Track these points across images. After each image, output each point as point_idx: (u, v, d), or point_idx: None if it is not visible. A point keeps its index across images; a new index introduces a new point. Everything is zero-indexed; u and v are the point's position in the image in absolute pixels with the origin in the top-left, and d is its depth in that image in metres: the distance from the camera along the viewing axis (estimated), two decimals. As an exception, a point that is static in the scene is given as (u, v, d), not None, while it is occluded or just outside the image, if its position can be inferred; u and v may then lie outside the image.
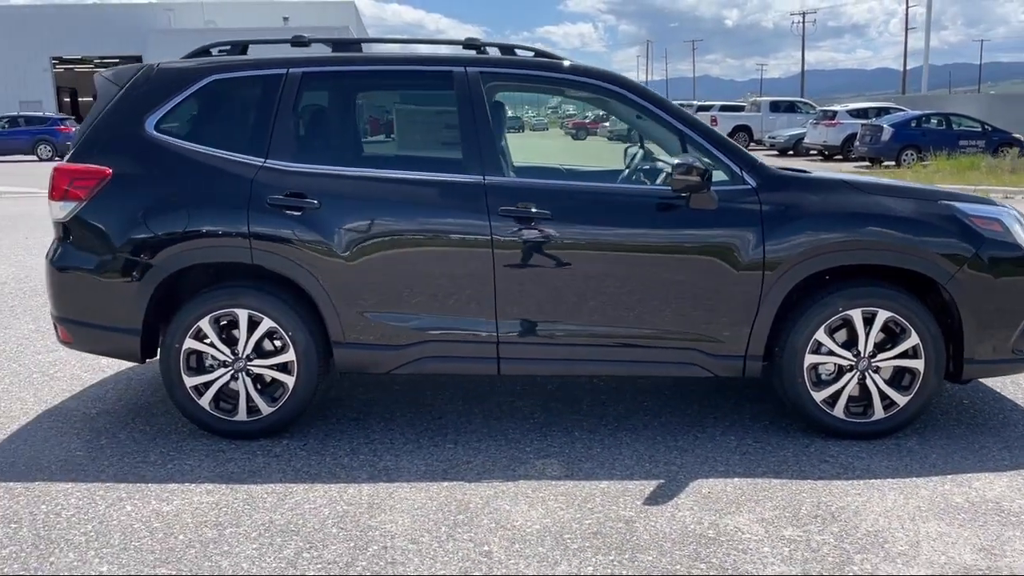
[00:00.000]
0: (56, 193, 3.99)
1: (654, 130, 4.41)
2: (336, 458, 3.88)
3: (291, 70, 4.04)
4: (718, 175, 3.94)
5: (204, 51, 4.27)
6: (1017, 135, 24.67)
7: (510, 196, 3.89)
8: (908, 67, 70.77)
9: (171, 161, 3.98)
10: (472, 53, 4.21)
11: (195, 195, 3.93)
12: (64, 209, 3.99)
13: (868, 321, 3.89)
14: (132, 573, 2.93)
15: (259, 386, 4.03)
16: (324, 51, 4.23)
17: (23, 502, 3.46)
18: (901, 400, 3.95)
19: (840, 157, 25.62)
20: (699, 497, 3.45)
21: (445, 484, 3.60)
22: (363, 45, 4.34)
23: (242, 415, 4.03)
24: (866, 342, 3.91)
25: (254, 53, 4.38)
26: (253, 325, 3.95)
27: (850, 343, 3.95)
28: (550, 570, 2.93)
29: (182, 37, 41.39)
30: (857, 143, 24.29)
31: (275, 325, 3.93)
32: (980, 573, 2.88)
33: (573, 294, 3.92)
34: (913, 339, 3.89)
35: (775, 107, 32.74)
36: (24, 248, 10.00)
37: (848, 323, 3.91)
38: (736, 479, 3.61)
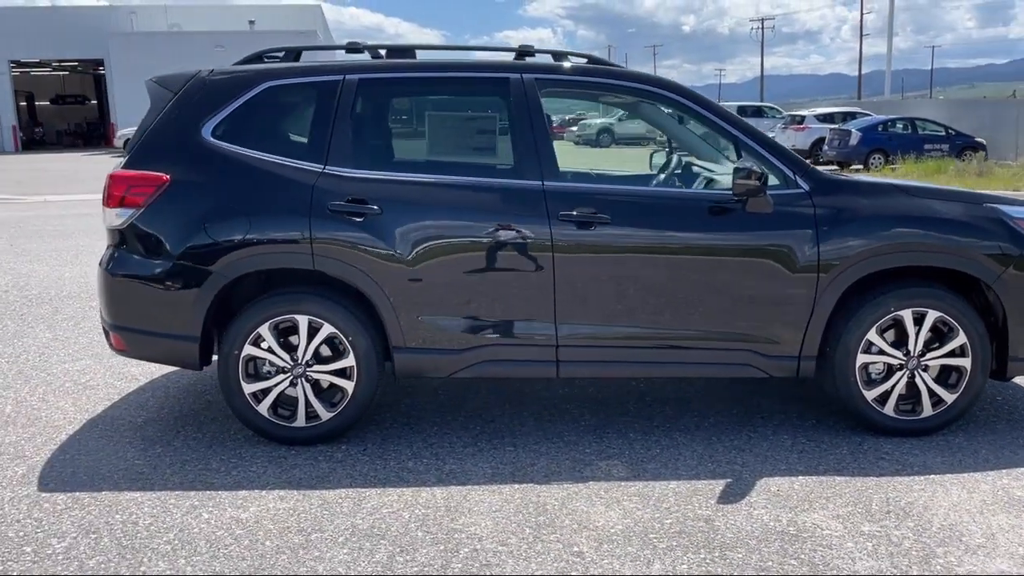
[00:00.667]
0: (112, 200, 3.96)
1: (687, 137, 4.52)
2: (399, 462, 3.89)
3: (347, 76, 4.05)
4: (771, 179, 4.02)
5: (256, 57, 4.26)
6: (980, 139, 25.31)
7: (569, 201, 3.94)
8: (864, 72, 72.10)
9: (230, 168, 3.97)
10: (526, 60, 4.26)
11: (256, 202, 3.92)
12: (121, 216, 3.95)
13: (918, 321, 4.00)
14: (229, 580, 2.93)
15: (316, 392, 4.02)
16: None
17: (96, 512, 3.42)
18: (949, 398, 4.07)
19: (809, 161, 26.04)
20: (769, 495, 3.52)
21: (516, 487, 3.63)
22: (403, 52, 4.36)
23: (301, 421, 4.02)
24: (916, 341, 4.02)
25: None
26: (313, 331, 3.94)
27: (899, 342, 4.05)
28: (645, 569, 2.97)
29: (145, 41, 40.88)
30: (826, 147, 24.72)
31: (335, 330, 3.94)
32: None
33: (631, 297, 3.97)
34: (961, 338, 4.01)
35: (742, 112, 33.11)
36: (13, 255, 9.82)
37: (898, 323, 4.02)
38: (801, 477, 3.69)
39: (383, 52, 4.29)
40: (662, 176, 4.95)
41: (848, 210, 3.98)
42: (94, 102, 50.22)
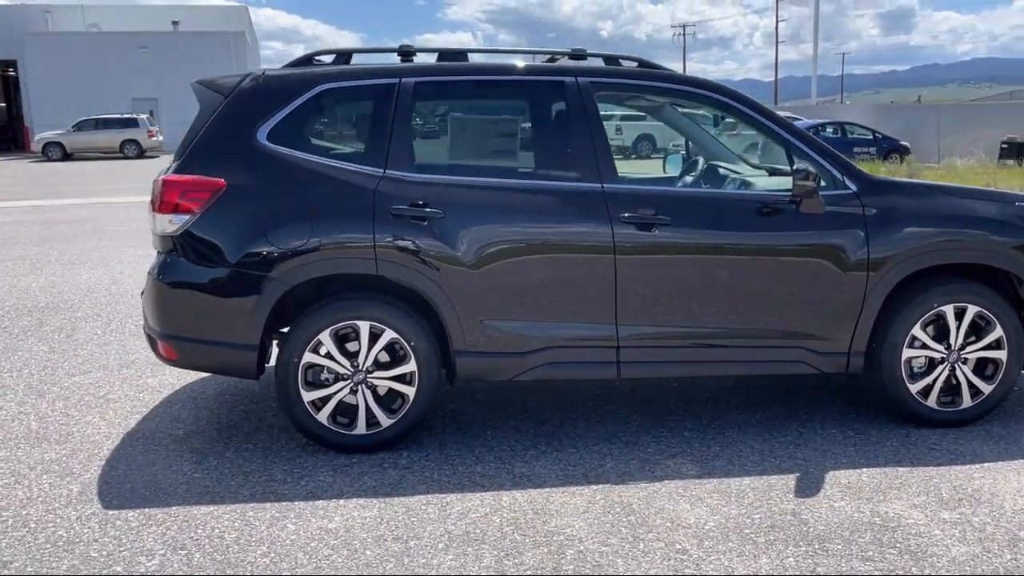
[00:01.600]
0: (165, 206, 3.83)
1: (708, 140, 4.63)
2: (466, 466, 3.87)
3: (404, 79, 4.01)
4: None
5: (307, 60, 4.19)
6: (904, 143, 26.39)
7: (629, 203, 3.98)
8: (778, 77, 74.30)
9: (289, 172, 3.88)
10: (580, 63, 4.28)
11: (318, 207, 3.85)
12: (175, 222, 3.83)
13: (959, 316, 4.17)
14: (346, 591, 2.87)
15: (375, 398, 3.97)
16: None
17: (174, 528, 3.31)
18: (986, 389, 4.25)
19: (744, 164, 26.66)
20: (842, 488, 3.62)
21: (594, 487, 3.65)
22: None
23: (361, 428, 3.96)
24: (957, 335, 4.19)
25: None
26: (374, 336, 3.89)
27: (939, 337, 4.21)
28: (753, 563, 3.03)
29: (63, 41, 39.45)
30: (760, 151, 25.38)
31: (396, 336, 3.89)
32: None
33: (690, 297, 4.03)
34: (998, 331, 4.19)
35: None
36: (-31, 265, 9.37)
37: (940, 318, 4.18)
38: (864, 469, 3.81)
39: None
40: (689, 179, 5.03)
41: (894, 210, 4.12)
42: (2, 104, 48.07)
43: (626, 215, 3.95)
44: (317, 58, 4.22)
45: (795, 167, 3.95)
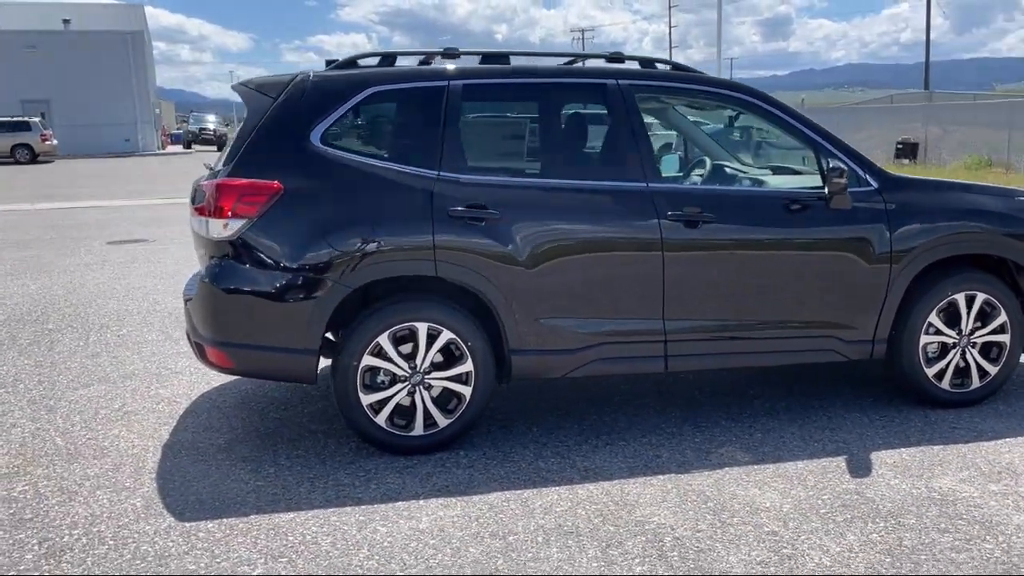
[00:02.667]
0: (220, 210, 3.76)
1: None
2: (529, 463, 3.93)
3: (452, 82, 4.04)
4: None
5: (351, 62, 4.15)
6: (808, 143, 27.47)
7: (675, 201, 4.12)
8: None
9: (345, 174, 3.86)
10: (617, 66, 4.39)
11: (378, 209, 3.84)
12: (231, 227, 3.76)
13: (969, 303, 4.47)
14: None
15: (433, 399, 3.99)
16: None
17: (263, 537, 3.26)
18: (992, 370, 4.57)
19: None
20: (890, 466, 3.84)
21: (662, 477, 3.76)
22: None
23: (419, 430, 3.98)
24: (968, 321, 4.49)
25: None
26: (431, 338, 3.91)
27: (951, 323, 4.50)
28: (843, 540, 3.20)
29: (-54, 40, 37.21)
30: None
31: (453, 336, 3.92)
32: None
33: (731, 290, 4.20)
34: (1002, 316, 4.51)
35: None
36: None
37: (952, 306, 4.47)
38: (902, 449, 4.04)
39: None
40: (716, 177, 5.14)
41: (913, 204, 4.39)
42: None
43: (672, 213, 4.08)
44: (361, 60, 4.19)
45: (830, 166, 4.16)
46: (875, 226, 4.31)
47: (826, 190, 4.21)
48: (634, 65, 4.46)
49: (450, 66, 4.14)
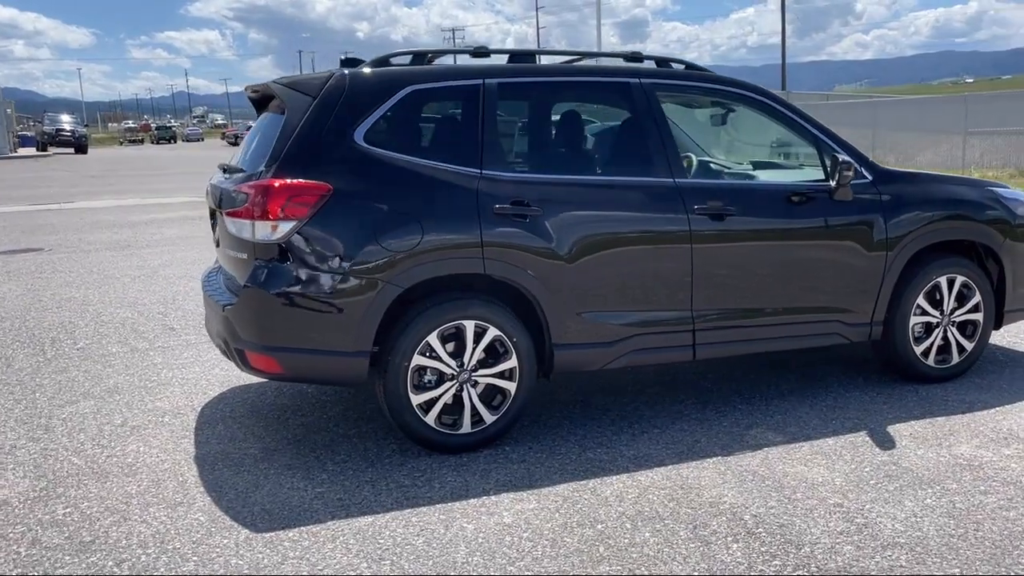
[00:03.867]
0: (270, 212, 3.65)
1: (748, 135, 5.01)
2: (578, 454, 4.01)
3: (487, 80, 4.07)
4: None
5: (384, 61, 4.10)
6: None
7: (700, 195, 4.29)
8: None
9: (391, 173, 3.83)
10: (637, 65, 4.52)
11: (428, 208, 3.83)
12: (281, 229, 3.67)
13: (950, 285, 4.85)
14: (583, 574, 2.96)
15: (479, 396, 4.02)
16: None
17: (355, 541, 3.22)
18: (969, 346, 4.98)
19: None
20: (908, 438, 4.14)
21: (711, 460, 3.92)
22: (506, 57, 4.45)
23: (467, 427, 3.99)
24: (949, 302, 4.87)
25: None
26: (477, 335, 3.94)
27: (935, 304, 4.87)
28: (903, 506, 3.43)
29: None
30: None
31: (499, 333, 3.96)
32: None
33: (751, 279, 4.41)
34: (977, 297, 4.93)
35: None
36: None
37: (936, 288, 4.84)
38: (911, 422, 4.35)
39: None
40: (702, 171, 5.33)
41: (904, 195, 4.72)
42: None
43: (698, 207, 4.25)
44: (394, 59, 4.15)
45: (842, 160, 4.42)
46: (873, 216, 4.62)
47: (832, 183, 4.48)
48: (650, 64, 4.60)
49: (484, 64, 4.16)
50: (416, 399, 3.88)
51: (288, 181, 3.68)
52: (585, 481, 3.72)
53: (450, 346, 3.93)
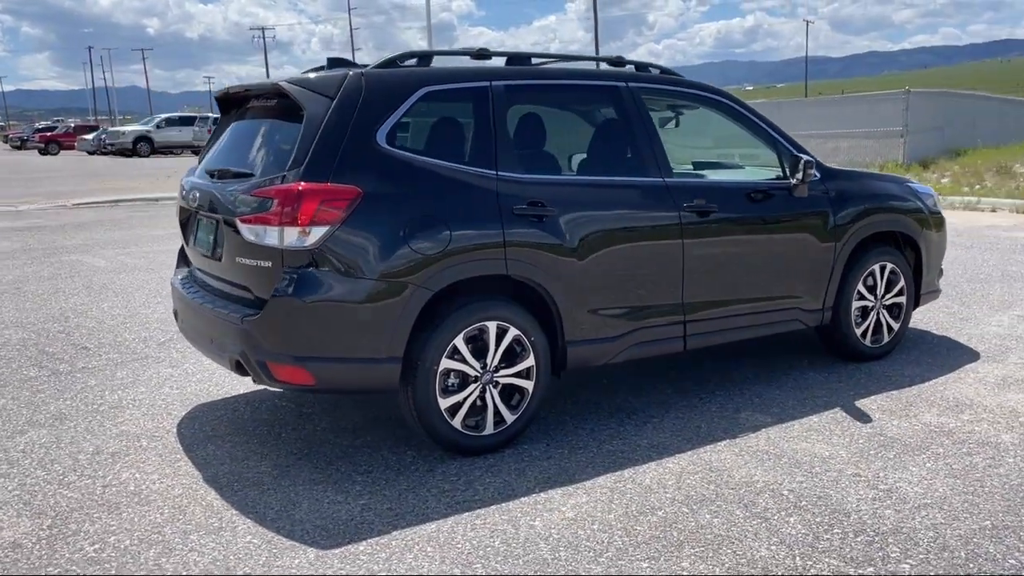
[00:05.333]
0: (300, 217, 3.52)
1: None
2: (597, 447, 4.12)
3: (494, 82, 4.10)
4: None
5: (391, 62, 4.03)
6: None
7: (687, 194, 4.52)
8: None
9: (415, 176, 3.79)
10: (623, 70, 4.68)
11: (454, 210, 3.81)
12: (313, 235, 3.54)
13: (882, 272, 5.37)
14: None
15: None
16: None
17: (431, 548, 3.18)
18: (896, 326, 5.52)
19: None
20: (878, 412, 4.54)
21: (722, 444, 4.14)
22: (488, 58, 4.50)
23: (490, 428, 4.02)
24: (881, 287, 5.38)
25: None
26: (499, 336, 3.97)
27: (871, 290, 5.36)
28: (909, 471, 3.79)
29: None
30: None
31: (518, 332, 4.01)
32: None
33: (731, 272, 4.69)
34: (902, 282, 5.48)
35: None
36: None
37: (872, 276, 5.33)
38: (872, 397, 4.77)
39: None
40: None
41: (845, 191, 5.17)
42: None
43: (686, 204, 4.47)
44: (400, 60, 4.09)
45: (805, 159, 4.78)
46: (825, 210, 5.03)
47: (793, 181, 4.84)
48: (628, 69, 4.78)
49: (490, 66, 4.19)
50: (444, 403, 3.86)
51: (320, 185, 3.56)
52: (619, 472, 3.84)
53: (473, 347, 3.93)
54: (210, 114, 40.88)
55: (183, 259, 4.79)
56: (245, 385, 5.15)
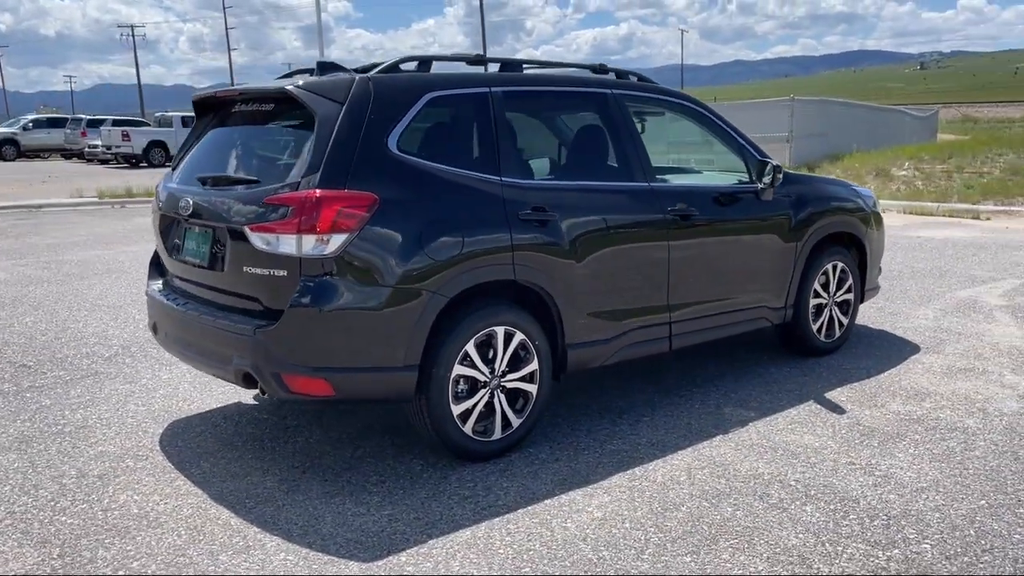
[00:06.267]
0: (320, 225, 3.45)
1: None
2: (599, 447, 4.20)
3: (493, 88, 4.13)
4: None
5: (394, 67, 3.98)
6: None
7: (670, 198, 4.66)
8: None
9: (426, 182, 3.77)
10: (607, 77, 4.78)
11: (465, 217, 3.81)
12: (333, 243, 3.48)
13: (834, 271, 5.67)
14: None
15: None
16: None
17: (474, 553, 3.18)
18: (845, 321, 5.84)
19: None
20: (849, 403, 4.80)
21: (717, 439, 4.29)
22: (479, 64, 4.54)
23: (497, 433, 4.04)
24: (834, 286, 5.69)
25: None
26: (506, 340, 4.00)
27: (824, 288, 5.66)
28: (894, 457, 4.03)
29: None
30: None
31: (523, 337, 4.05)
32: (1018, 394, 4.86)
33: (709, 273, 4.86)
34: (851, 280, 5.80)
35: (186, 123, 32.61)
36: None
37: (826, 274, 5.63)
38: (838, 389, 5.04)
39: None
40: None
41: (803, 195, 5.43)
42: None
43: (670, 208, 4.61)
44: (402, 65, 4.05)
45: (774, 164, 5.00)
46: (787, 213, 5.28)
47: (761, 184, 5.06)
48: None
49: (488, 73, 4.21)
50: (456, 409, 3.85)
51: (338, 192, 3.50)
52: (630, 471, 3.92)
53: (482, 353, 3.94)
54: (84, 115, 38.74)
55: (157, 270, 4.59)
56: (215, 399, 4.98)
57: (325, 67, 4.15)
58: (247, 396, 5.02)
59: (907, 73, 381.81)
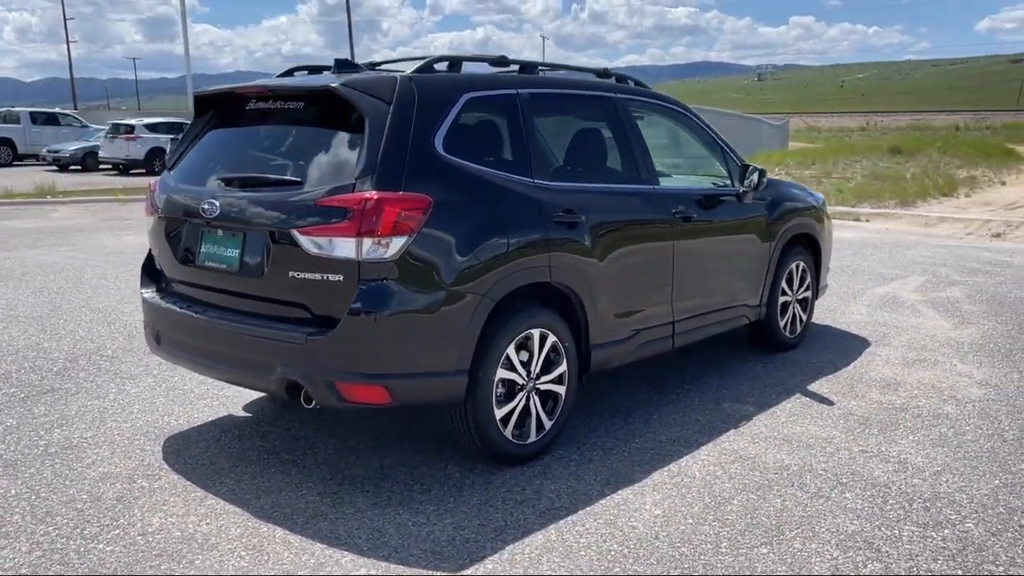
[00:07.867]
0: (381, 228, 3.35)
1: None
2: (624, 445, 4.27)
3: (520, 91, 4.13)
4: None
5: (428, 67, 3.89)
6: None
7: (673, 200, 4.79)
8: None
9: (471, 184, 3.73)
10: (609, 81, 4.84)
11: (509, 219, 3.79)
12: (393, 246, 3.38)
13: (797, 270, 5.98)
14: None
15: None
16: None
17: (548, 559, 3.18)
18: (805, 317, 6.16)
19: (144, 171, 25.49)
20: (831, 394, 5.08)
21: (730, 433, 4.44)
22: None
23: (533, 435, 4.04)
24: (796, 284, 5.99)
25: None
26: (541, 342, 4.01)
27: (789, 285, 5.95)
28: (899, 443, 4.30)
29: None
30: (168, 157, 24.79)
31: (556, 339, 4.07)
32: (975, 381, 5.27)
33: (704, 273, 5.02)
34: (808, 277, 6.13)
35: (35, 119, 30.48)
36: None
37: (789, 273, 5.92)
38: (818, 381, 5.31)
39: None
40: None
41: (774, 197, 5.69)
42: None
43: (674, 210, 4.74)
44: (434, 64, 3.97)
45: (755, 167, 5.22)
46: (763, 215, 5.52)
47: (743, 188, 5.27)
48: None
49: (514, 75, 4.21)
50: (499, 413, 3.83)
51: (397, 194, 3.40)
52: (666, 468, 4.01)
53: (520, 356, 3.93)
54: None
55: (151, 276, 4.31)
56: (202, 413, 4.74)
57: (343, 65, 4.03)
58: (236, 408, 4.79)
59: (746, 84, 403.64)
